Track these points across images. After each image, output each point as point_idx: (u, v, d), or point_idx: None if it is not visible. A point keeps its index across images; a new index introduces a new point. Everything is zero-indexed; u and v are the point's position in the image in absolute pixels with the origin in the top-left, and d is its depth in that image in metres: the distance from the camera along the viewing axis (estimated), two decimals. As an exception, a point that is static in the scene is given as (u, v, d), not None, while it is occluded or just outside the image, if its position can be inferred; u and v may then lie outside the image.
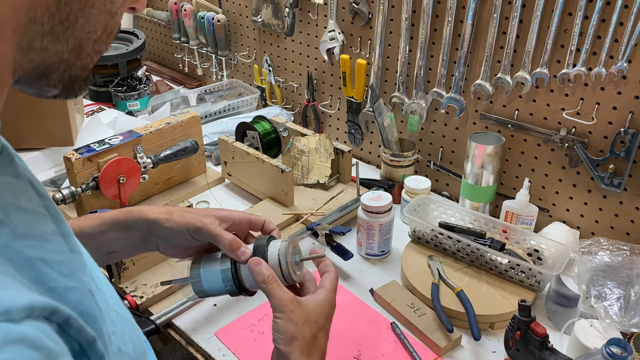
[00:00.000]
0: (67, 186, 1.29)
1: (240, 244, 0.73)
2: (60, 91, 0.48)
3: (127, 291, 1.15)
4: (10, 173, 0.45)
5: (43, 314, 0.37)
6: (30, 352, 0.35)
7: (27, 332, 0.35)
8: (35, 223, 0.44)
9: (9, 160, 0.46)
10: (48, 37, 0.43)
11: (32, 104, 1.46)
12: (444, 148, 1.50)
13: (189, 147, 1.46)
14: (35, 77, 0.45)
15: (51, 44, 0.43)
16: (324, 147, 1.48)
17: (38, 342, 0.35)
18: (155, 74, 2.28)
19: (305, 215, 1.38)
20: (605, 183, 1.21)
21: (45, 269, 0.41)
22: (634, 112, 1.14)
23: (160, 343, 1.18)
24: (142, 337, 0.60)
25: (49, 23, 0.42)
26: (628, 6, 1.08)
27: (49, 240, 0.44)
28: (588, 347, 0.96)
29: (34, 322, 0.36)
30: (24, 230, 0.41)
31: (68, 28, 0.43)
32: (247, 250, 0.73)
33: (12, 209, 0.42)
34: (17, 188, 0.45)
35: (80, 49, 0.46)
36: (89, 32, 0.45)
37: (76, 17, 0.43)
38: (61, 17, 0.42)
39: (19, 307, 0.35)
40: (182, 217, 0.77)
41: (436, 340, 1.04)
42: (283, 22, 1.72)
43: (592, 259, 1.07)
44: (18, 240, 0.40)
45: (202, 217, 0.76)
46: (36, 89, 0.47)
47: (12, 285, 0.37)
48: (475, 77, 1.35)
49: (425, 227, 1.24)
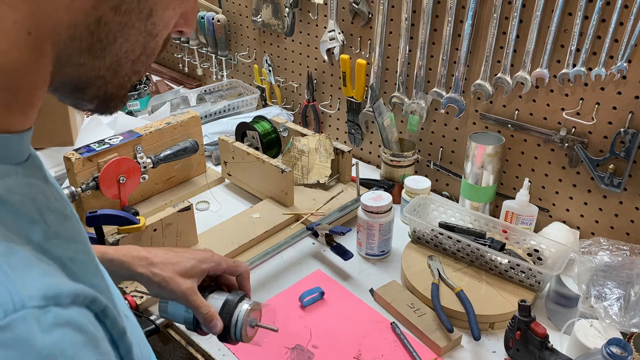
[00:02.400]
0: (67, 186, 1.29)
1: (214, 317, 0.79)
2: (95, 106, 0.49)
3: (127, 291, 1.15)
4: (39, 177, 0.47)
5: (85, 302, 0.39)
6: (77, 334, 0.37)
7: (74, 316, 0.38)
8: (64, 224, 0.46)
9: (38, 166, 0.48)
10: (86, 53, 0.44)
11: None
12: (444, 148, 1.50)
13: (189, 147, 1.46)
14: (71, 90, 0.47)
15: (88, 60, 0.45)
16: (324, 147, 1.48)
17: (83, 326, 0.38)
18: (155, 74, 2.28)
19: (305, 215, 1.38)
20: (605, 183, 1.21)
21: (74, 268, 0.43)
22: (634, 112, 1.14)
23: (160, 343, 1.18)
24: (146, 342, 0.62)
25: (88, 40, 0.43)
26: (628, 6, 1.08)
27: (75, 241, 0.46)
28: (588, 347, 0.96)
29: (79, 308, 0.38)
30: (55, 229, 0.43)
31: (106, 46, 0.45)
32: (218, 324, 0.80)
33: (45, 210, 0.44)
34: (47, 191, 0.47)
35: (118, 67, 0.47)
36: (127, 51, 0.46)
37: (115, 36, 0.45)
38: (100, 36, 0.44)
39: (67, 293, 0.38)
40: (164, 282, 0.80)
41: (436, 340, 1.04)
42: (283, 22, 1.72)
43: (592, 259, 1.07)
44: (49, 240, 0.42)
45: (182, 284, 0.80)
46: (72, 101, 0.49)
47: (59, 274, 0.40)
48: (475, 77, 1.35)
49: (425, 227, 1.24)
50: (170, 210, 1.23)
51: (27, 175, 0.45)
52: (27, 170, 0.45)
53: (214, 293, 0.84)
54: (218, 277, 0.87)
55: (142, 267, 0.81)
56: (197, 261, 0.82)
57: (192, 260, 0.82)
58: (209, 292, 0.84)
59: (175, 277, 0.80)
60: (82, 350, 0.37)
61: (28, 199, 0.42)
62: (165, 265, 0.81)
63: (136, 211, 1.32)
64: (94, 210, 1.13)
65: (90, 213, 1.13)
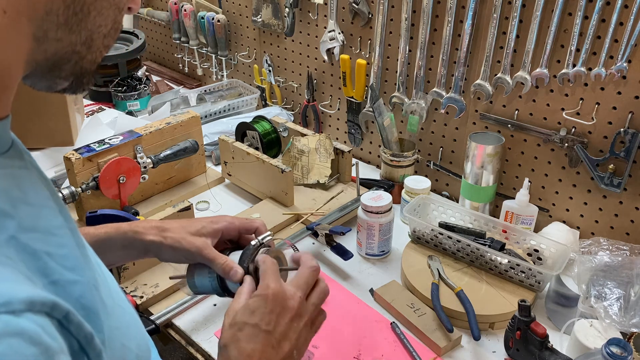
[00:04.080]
0: (67, 186, 1.29)
1: (232, 265, 0.76)
2: (70, 84, 0.49)
3: (127, 291, 1.15)
4: (19, 166, 0.47)
5: (44, 309, 0.37)
6: (28, 346, 0.34)
7: (27, 326, 0.35)
8: (42, 216, 0.45)
9: (19, 155, 0.48)
10: (62, 28, 0.44)
11: (32, 104, 1.46)
12: (444, 148, 1.50)
13: (189, 147, 1.46)
14: (48, 68, 0.47)
15: (65, 35, 0.45)
16: (324, 147, 1.48)
17: (37, 337, 0.35)
18: (155, 74, 2.28)
19: (305, 215, 1.38)
20: (605, 183, 1.21)
21: (50, 262, 0.41)
22: (634, 112, 1.14)
23: (160, 343, 1.18)
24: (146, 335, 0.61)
25: (64, 14, 0.44)
26: (628, 6, 1.08)
27: (54, 234, 0.45)
28: (588, 347, 0.96)
29: (35, 316, 0.36)
30: (30, 223, 0.42)
31: (82, 20, 0.45)
32: (239, 271, 0.76)
33: (19, 203, 0.43)
34: (26, 182, 0.46)
35: (91, 42, 0.47)
36: (100, 25, 0.47)
37: (89, 9, 0.45)
38: (75, 9, 0.44)
39: (20, 299, 0.35)
40: (177, 242, 0.79)
41: (436, 340, 1.04)
42: (283, 22, 1.72)
43: (592, 259, 1.07)
44: (25, 233, 0.41)
45: (195, 241, 0.78)
46: (47, 82, 0.49)
47: (14, 278, 0.37)
48: (475, 77, 1.35)
49: (425, 227, 1.24)
50: (170, 210, 1.23)
51: (5, 167, 0.44)
52: (7, 161, 0.45)
53: (234, 252, 0.81)
54: (239, 241, 0.85)
55: (153, 234, 0.80)
56: (208, 222, 0.82)
57: (204, 222, 0.82)
58: (229, 252, 0.81)
59: (187, 237, 0.79)
60: None
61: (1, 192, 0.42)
62: (176, 229, 0.81)
63: (136, 211, 1.32)
64: (94, 210, 1.13)
65: (90, 213, 1.13)
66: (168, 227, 0.81)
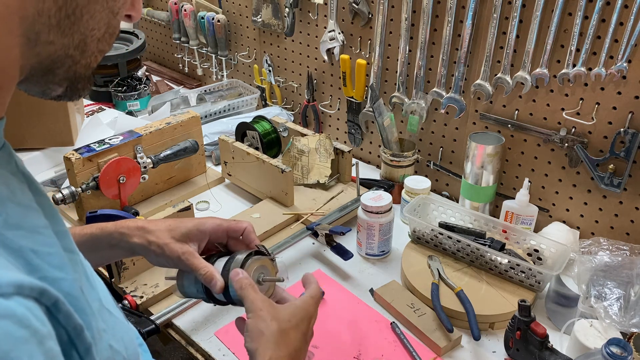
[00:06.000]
0: (67, 186, 1.29)
1: (213, 275, 0.75)
2: (65, 89, 0.49)
3: (127, 291, 1.15)
4: (7, 168, 0.47)
5: (32, 294, 0.37)
6: (17, 329, 0.34)
7: (16, 308, 0.35)
8: (28, 216, 0.45)
9: (7, 157, 0.47)
10: (55, 30, 0.44)
11: (32, 104, 1.46)
12: (444, 148, 1.50)
13: (189, 147, 1.46)
14: (42, 72, 0.46)
15: (57, 37, 0.45)
16: (324, 147, 1.48)
17: (25, 320, 0.35)
18: (155, 74, 2.28)
19: (305, 215, 1.38)
20: (605, 183, 1.21)
21: (35, 259, 0.41)
22: (634, 112, 1.14)
23: (160, 343, 1.18)
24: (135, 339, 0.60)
25: (56, 16, 0.43)
26: (628, 6, 1.08)
27: (40, 233, 0.45)
28: (588, 347, 0.96)
29: (24, 299, 0.36)
30: (16, 220, 0.42)
31: (74, 23, 0.45)
32: (218, 282, 0.75)
33: (6, 200, 0.43)
34: (13, 182, 0.46)
35: (84, 46, 0.47)
36: (93, 29, 0.47)
37: (81, 12, 0.45)
38: (67, 11, 0.44)
39: (8, 282, 0.35)
40: (159, 249, 0.78)
41: (436, 340, 1.04)
42: (283, 22, 1.72)
43: (592, 259, 1.07)
44: (10, 229, 0.41)
45: (178, 248, 0.77)
46: (41, 87, 0.48)
47: (2, 264, 0.37)
48: (475, 77, 1.35)
49: (425, 227, 1.24)
50: (170, 210, 1.23)
51: None
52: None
53: (221, 257, 0.80)
54: (228, 244, 0.83)
55: (138, 237, 0.79)
56: (194, 225, 0.80)
57: (191, 224, 0.80)
58: (217, 257, 0.80)
59: (170, 243, 0.77)
60: (21, 346, 0.34)
61: None
62: (161, 232, 0.79)
63: (136, 211, 1.32)
64: (94, 210, 1.13)
65: (90, 213, 1.13)
66: (153, 229, 0.79)
